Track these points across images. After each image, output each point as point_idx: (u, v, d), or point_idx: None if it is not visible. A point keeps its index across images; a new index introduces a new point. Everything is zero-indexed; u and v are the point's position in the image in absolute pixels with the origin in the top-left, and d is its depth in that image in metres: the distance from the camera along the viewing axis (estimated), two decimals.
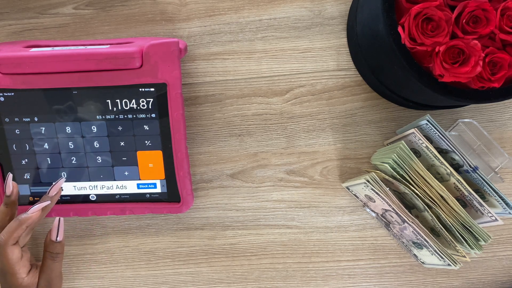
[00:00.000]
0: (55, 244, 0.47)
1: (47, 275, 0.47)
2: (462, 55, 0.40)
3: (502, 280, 0.54)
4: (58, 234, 0.47)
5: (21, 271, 0.46)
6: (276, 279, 0.55)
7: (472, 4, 0.39)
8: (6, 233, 0.44)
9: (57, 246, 0.47)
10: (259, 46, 0.52)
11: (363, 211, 0.54)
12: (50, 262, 0.47)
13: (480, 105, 0.53)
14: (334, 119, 0.53)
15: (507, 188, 0.53)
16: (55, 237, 0.46)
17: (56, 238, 0.46)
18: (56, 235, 0.46)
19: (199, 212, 0.54)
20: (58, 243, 0.47)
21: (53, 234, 0.46)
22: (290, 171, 0.54)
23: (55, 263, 0.47)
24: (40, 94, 0.48)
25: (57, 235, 0.47)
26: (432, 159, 0.46)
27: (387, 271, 0.54)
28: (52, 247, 0.47)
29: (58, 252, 0.47)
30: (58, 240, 0.47)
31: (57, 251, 0.47)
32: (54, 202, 0.46)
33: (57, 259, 0.47)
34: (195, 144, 0.54)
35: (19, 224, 0.44)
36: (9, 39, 0.53)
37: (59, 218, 0.47)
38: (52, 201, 0.46)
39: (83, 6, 0.53)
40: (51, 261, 0.47)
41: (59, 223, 0.47)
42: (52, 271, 0.47)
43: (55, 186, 0.46)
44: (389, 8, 0.40)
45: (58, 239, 0.47)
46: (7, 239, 0.44)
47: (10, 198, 0.46)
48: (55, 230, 0.46)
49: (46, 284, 0.47)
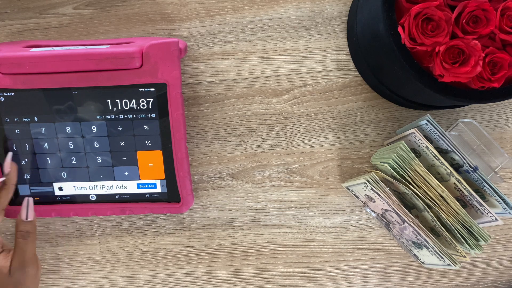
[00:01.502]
0: (25, 223, 0.47)
1: (20, 257, 0.47)
2: (462, 55, 0.40)
3: (502, 280, 0.54)
4: (28, 213, 0.47)
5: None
6: (276, 279, 0.55)
7: (472, 4, 0.39)
8: None
9: (27, 225, 0.47)
10: (259, 46, 0.52)
11: (363, 211, 0.54)
12: (21, 242, 0.47)
13: (480, 105, 0.53)
14: (334, 119, 0.53)
15: (507, 188, 0.53)
16: (25, 216, 0.47)
17: (26, 218, 0.47)
18: (26, 214, 0.47)
19: (199, 212, 0.54)
20: (29, 223, 0.47)
21: (23, 214, 0.47)
22: (290, 171, 0.54)
23: (27, 244, 0.47)
24: (40, 94, 0.48)
25: (27, 214, 0.47)
26: (432, 159, 0.46)
27: (387, 271, 0.54)
28: (23, 226, 0.47)
29: (28, 230, 0.47)
30: (28, 219, 0.47)
31: (27, 229, 0.47)
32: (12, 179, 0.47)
33: (29, 239, 0.47)
34: (195, 144, 0.54)
35: None
36: (9, 39, 0.53)
37: (28, 199, 0.48)
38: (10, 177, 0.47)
39: (83, 6, 0.53)
40: (23, 241, 0.47)
41: (28, 203, 0.48)
42: (24, 252, 0.47)
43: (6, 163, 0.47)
44: (389, 8, 0.40)
45: (28, 219, 0.47)
46: None
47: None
48: (24, 209, 0.47)
49: (19, 266, 0.46)
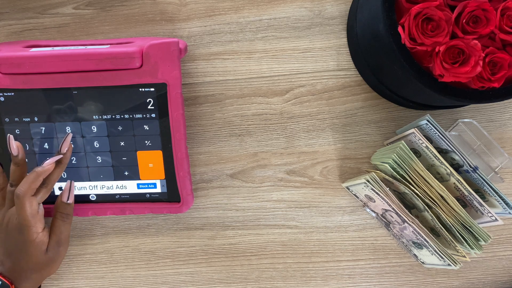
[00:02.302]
0: (66, 205, 0.49)
1: (57, 236, 0.48)
2: (462, 55, 0.40)
3: (502, 280, 0.54)
4: (69, 196, 0.49)
5: (38, 225, 0.46)
6: (276, 279, 0.55)
7: (472, 4, 0.39)
8: (24, 184, 0.45)
9: (67, 207, 0.49)
10: (259, 46, 0.52)
11: (363, 211, 0.54)
12: (60, 222, 0.49)
13: (480, 105, 0.53)
14: (334, 119, 0.53)
15: (507, 188, 0.53)
16: (66, 198, 0.49)
17: (67, 200, 0.49)
18: (67, 197, 0.49)
19: (199, 212, 0.54)
20: (68, 205, 0.49)
21: (64, 196, 0.49)
22: (290, 171, 0.54)
23: (65, 224, 0.49)
24: (40, 94, 0.48)
25: (68, 197, 0.49)
26: (432, 159, 0.46)
27: (387, 271, 0.54)
28: (63, 208, 0.49)
29: (68, 213, 0.49)
30: (69, 202, 0.49)
31: (67, 212, 0.49)
32: (68, 158, 0.48)
33: (67, 221, 0.49)
34: (195, 144, 0.54)
35: (36, 175, 0.45)
36: (9, 39, 0.53)
37: (71, 181, 0.49)
38: (66, 157, 0.48)
39: (83, 6, 0.53)
40: (61, 222, 0.49)
41: (70, 185, 0.49)
42: (61, 232, 0.48)
43: (65, 142, 0.48)
44: (389, 8, 0.40)
45: (69, 201, 0.49)
46: (26, 190, 0.45)
47: (18, 157, 0.47)
48: (66, 192, 0.49)
49: (55, 245, 0.48)
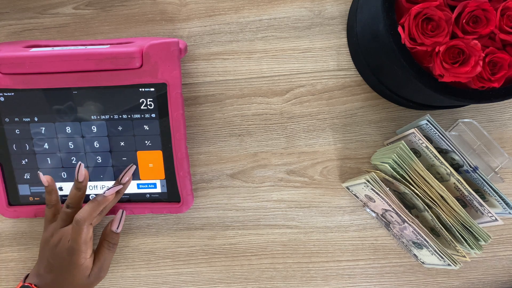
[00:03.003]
0: (114, 235, 0.49)
1: (101, 263, 0.49)
2: (462, 55, 0.40)
3: (502, 280, 0.54)
4: (119, 225, 0.49)
5: (88, 251, 0.47)
6: (276, 279, 0.55)
7: (472, 4, 0.39)
8: (86, 212, 0.45)
9: (115, 236, 0.49)
10: (259, 46, 0.52)
11: (363, 211, 0.54)
12: (106, 251, 0.49)
13: (480, 105, 0.53)
14: (334, 119, 0.53)
15: (507, 188, 0.53)
16: (116, 227, 0.49)
17: (116, 229, 0.49)
18: (117, 226, 0.49)
19: (199, 212, 0.54)
20: (116, 234, 0.49)
21: (115, 225, 0.49)
22: (290, 171, 0.54)
23: (110, 253, 0.49)
24: (40, 94, 0.48)
25: (118, 226, 0.49)
26: (432, 159, 0.46)
27: (387, 271, 0.54)
28: (111, 237, 0.49)
29: (115, 242, 0.49)
30: (117, 231, 0.49)
31: (114, 241, 0.49)
32: (126, 188, 0.49)
33: (113, 249, 0.50)
34: (195, 144, 0.54)
35: (97, 204, 0.46)
36: (9, 39, 0.53)
37: (122, 211, 0.50)
38: (124, 187, 0.48)
39: (83, 6, 0.53)
40: (107, 250, 0.49)
41: (122, 215, 0.49)
42: (105, 260, 0.49)
43: (128, 173, 0.49)
44: (389, 8, 0.40)
45: (117, 230, 0.49)
46: (87, 218, 0.45)
47: (82, 183, 0.47)
48: (117, 221, 0.49)
49: (98, 272, 0.49)
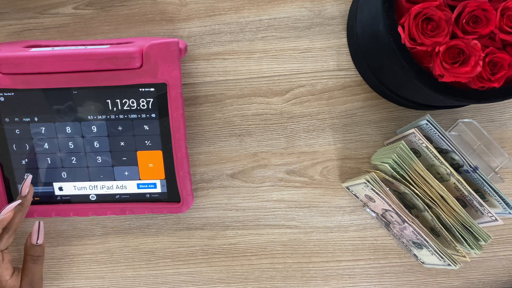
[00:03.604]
0: (36, 247, 0.47)
1: (29, 279, 0.47)
2: (462, 55, 0.40)
3: (502, 280, 0.54)
4: (38, 237, 0.47)
5: (4, 273, 0.46)
6: (276, 279, 0.55)
7: (472, 4, 0.39)
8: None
9: (37, 249, 0.47)
10: (259, 46, 0.52)
11: (363, 211, 0.54)
12: (31, 265, 0.47)
13: (480, 105, 0.53)
14: (334, 119, 0.53)
15: (507, 188, 0.53)
16: (36, 240, 0.47)
17: (36, 242, 0.47)
18: (37, 238, 0.47)
19: (199, 212, 0.54)
20: (39, 246, 0.47)
21: (33, 238, 0.47)
22: (290, 171, 0.54)
23: (36, 266, 0.47)
24: (40, 94, 0.48)
25: (38, 238, 0.47)
26: (432, 159, 0.46)
27: (387, 271, 0.54)
28: (33, 250, 0.47)
29: (39, 255, 0.47)
30: (38, 243, 0.47)
31: (38, 254, 0.47)
32: (28, 201, 0.47)
33: (38, 262, 0.47)
34: (195, 144, 0.54)
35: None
36: (9, 39, 0.53)
37: (39, 222, 0.48)
38: (26, 201, 0.46)
39: (83, 6, 0.53)
40: (33, 264, 0.47)
41: (39, 226, 0.47)
42: (33, 274, 0.47)
43: (24, 185, 0.46)
44: (389, 8, 0.40)
45: (38, 242, 0.47)
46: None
47: None
48: (35, 233, 0.47)
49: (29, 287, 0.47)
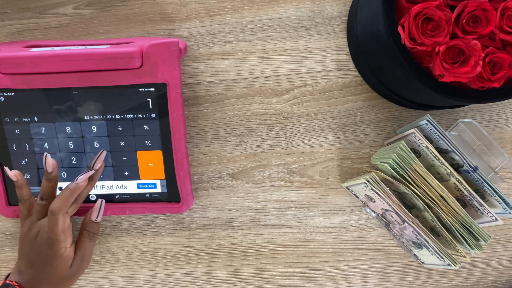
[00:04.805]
0: (94, 224, 0.49)
1: (82, 253, 0.49)
2: (462, 55, 0.40)
3: (502, 280, 0.54)
4: (98, 214, 0.49)
5: (67, 240, 0.47)
6: (276, 279, 0.55)
7: (472, 4, 0.39)
8: (59, 201, 0.45)
9: (95, 226, 0.49)
10: (259, 46, 0.52)
11: (363, 211, 0.54)
12: (86, 240, 0.49)
13: (480, 105, 0.53)
14: (334, 119, 0.53)
15: (507, 188, 0.53)
16: (95, 217, 0.49)
17: (96, 219, 0.49)
18: (97, 215, 0.49)
19: (199, 212, 0.54)
20: (96, 224, 0.49)
21: (94, 215, 0.49)
22: (290, 171, 0.54)
23: (90, 243, 0.49)
24: (40, 94, 0.48)
25: (98, 215, 0.49)
26: (432, 159, 0.46)
27: (387, 271, 0.54)
28: (91, 227, 0.49)
29: (95, 232, 0.49)
30: (97, 221, 0.49)
31: (94, 231, 0.49)
32: (98, 175, 0.48)
33: (93, 239, 0.49)
34: (195, 144, 0.54)
35: (71, 192, 0.45)
36: (9, 39, 0.53)
37: (102, 200, 0.49)
38: (97, 173, 0.47)
39: (83, 6, 0.53)
40: (88, 240, 0.49)
41: (101, 204, 0.49)
42: (86, 250, 0.49)
43: (99, 159, 0.48)
44: (389, 8, 0.40)
45: (97, 220, 0.49)
46: (61, 207, 0.45)
47: (51, 174, 0.47)
48: (96, 211, 0.49)
49: (79, 262, 0.48)
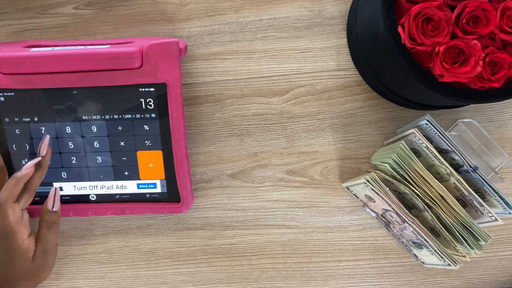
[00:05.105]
0: (51, 213, 0.47)
1: (43, 245, 0.47)
2: (462, 55, 0.40)
3: (502, 280, 0.54)
4: (54, 203, 0.47)
5: (23, 231, 0.45)
6: (276, 279, 0.55)
7: (472, 4, 0.39)
8: (5, 190, 0.44)
9: (53, 215, 0.47)
10: (259, 46, 0.52)
11: (363, 211, 0.54)
12: (46, 231, 0.47)
13: (480, 105, 0.53)
14: (334, 119, 0.53)
15: (507, 188, 0.53)
16: (51, 206, 0.47)
17: (52, 207, 0.47)
18: (52, 204, 0.47)
19: (199, 212, 0.54)
20: (54, 213, 0.47)
21: (49, 203, 0.47)
22: (290, 171, 0.54)
23: (51, 233, 0.47)
24: (40, 94, 0.48)
25: (53, 204, 0.47)
26: (432, 159, 0.46)
27: (387, 271, 0.54)
28: (48, 216, 0.47)
29: (53, 221, 0.47)
30: (54, 210, 0.47)
31: (52, 220, 0.47)
32: (47, 162, 0.46)
33: (53, 229, 0.47)
34: (195, 144, 0.54)
35: (16, 181, 0.44)
36: (9, 39, 0.53)
37: (56, 188, 0.47)
38: (44, 161, 0.46)
39: (83, 6, 0.53)
40: (47, 230, 0.47)
41: (55, 192, 0.47)
42: (48, 241, 0.47)
43: (43, 145, 0.46)
44: (389, 8, 0.40)
45: (54, 209, 0.47)
46: (7, 197, 0.44)
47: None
48: (51, 199, 0.47)
49: (42, 254, 0.47)
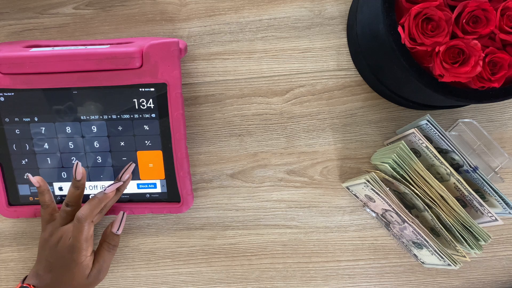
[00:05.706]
0: (114, 236, 0.49)
1: (100, 264, 0.48)
2: (462, 55, 0.40)
3: (502, 280, 0.54)
4: (120, 227, 0.48)
5: (89, 249, 0.47)
6: (276, 279, 0.55)
7: (472, 4, 0.39)
8: (87, 209, 0.45)
9: (115, 238, 0.49)
10: (259, 46, 0.52)
11: (363, 211, 0.54)
12: (106, 253, 0.49)
13: (480, 105, 0.53)
14: (334, 119, 0.53)
15: (507, 188, 0.53)
16: (116, 229, 0.48)
17: (117, 231, 0.48)
18: (118, 227, 0.48)
19: (199, 212, 0.54)
20: (117, 236, 0.49)
21: (115, 226, 0.49)
22: (290, 171, 0.54)
23: (109, 255, 0.49)
24: (40, 94, 0.48)
25: (119, 228, 0.48)
26: (432, 159, 0.46)
27: (387, 271, 0.54)
28: (111, 239, 0.49)
29: (115, 244, 0.49)
30: (118, 233, 0.49)
31: (114, 243, 0.49)
32: (125, 186, 0.48)
33: (112, 251, 0.49)
34: (195, 144, 0.54)
35: (98, 201, 0.46)
36: (9, 39, 0.53)
37: (123, 213, 0.49)
38: (124, 185, 0.48)
39: (83, 6, 0.53)
40: (107, 252, 0.49)
41: (122, 216, 0.49)
42: (104, 261, 0.49)
43: (128, 171, 0.48)
44: (389, 8, 0.40)
45: (118, 232, 0.49)
46: (88, 215, 0.45)
47: (80, 181, 0.47)
48: (117, 222, 0.49)
49: (97, 272, 0.48)
